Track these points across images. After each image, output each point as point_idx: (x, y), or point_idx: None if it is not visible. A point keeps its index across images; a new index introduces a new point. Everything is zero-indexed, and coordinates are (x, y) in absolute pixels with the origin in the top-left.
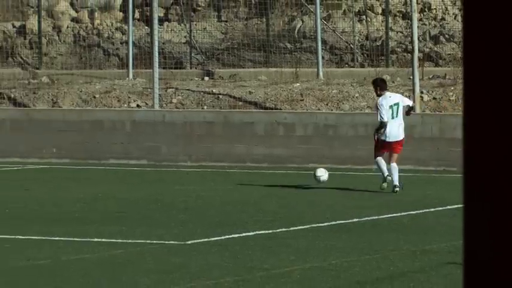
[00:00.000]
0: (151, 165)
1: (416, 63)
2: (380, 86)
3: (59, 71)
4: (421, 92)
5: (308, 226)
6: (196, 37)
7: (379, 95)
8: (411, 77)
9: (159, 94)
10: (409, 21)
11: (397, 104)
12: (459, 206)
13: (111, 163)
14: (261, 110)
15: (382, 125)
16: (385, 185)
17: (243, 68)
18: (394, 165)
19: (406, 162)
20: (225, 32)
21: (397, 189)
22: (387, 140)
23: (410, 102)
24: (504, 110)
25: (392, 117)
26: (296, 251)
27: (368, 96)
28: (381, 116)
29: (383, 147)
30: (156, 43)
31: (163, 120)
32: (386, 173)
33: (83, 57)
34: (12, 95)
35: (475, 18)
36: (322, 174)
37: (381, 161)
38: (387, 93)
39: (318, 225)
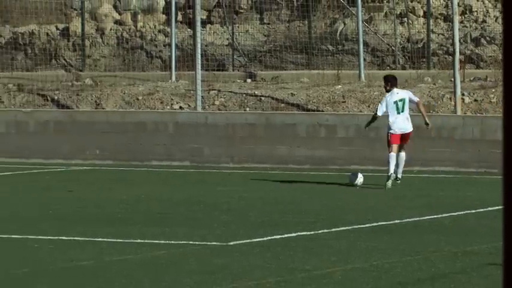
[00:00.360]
0: (193, 167)
1: (457, 65)
2: (391, 82)
3: (102, 73)
4: (462, 94)
5: (350, 227)
6: (238, 39)
7: (387, 91)
8: (452, 79)
9: (202, 96)
10: (450, 23)
11: (402, 100)
12: (500, 207)
13: (153, 164)
14: (303, 112)
15: (373, 118)
16: (389, 183)
17: (285, 70)
18: (402, 155)
19: (447, 163)
20: (267, 34)
21: (398, 181)
22: (395, 133)
23: (415, 99)
24: None
25: (398, 112)
26: (338, 252)
27: None
28: (376, 109)
29: (395, 137)
30: (199, 45)
31: (205, 122)
32: (392, 171)
33: (126, 59)
34: (56, 97)
35: None
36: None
37: (393, 157)
38: (395, 90)
39: (359, 226)
